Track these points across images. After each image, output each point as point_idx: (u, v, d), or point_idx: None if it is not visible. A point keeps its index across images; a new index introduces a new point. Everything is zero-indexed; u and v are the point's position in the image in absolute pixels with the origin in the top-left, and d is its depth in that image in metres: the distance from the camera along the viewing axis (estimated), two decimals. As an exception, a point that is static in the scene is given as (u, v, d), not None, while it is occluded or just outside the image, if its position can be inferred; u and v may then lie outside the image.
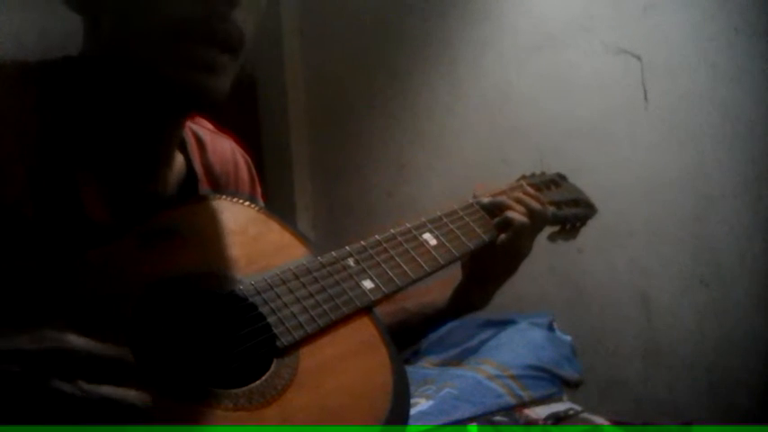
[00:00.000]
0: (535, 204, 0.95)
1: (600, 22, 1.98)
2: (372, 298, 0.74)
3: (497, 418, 1.47)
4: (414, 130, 2.40)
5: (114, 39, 0.66)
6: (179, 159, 0.80)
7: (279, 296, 0.69)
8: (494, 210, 0.94)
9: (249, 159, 0.92)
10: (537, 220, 0.94)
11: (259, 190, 0.92)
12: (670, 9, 1.86)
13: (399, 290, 0.78)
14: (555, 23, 2.06)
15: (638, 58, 1.92)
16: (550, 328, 1.83)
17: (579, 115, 2.03)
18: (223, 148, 0.87)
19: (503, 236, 0.92)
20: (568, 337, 1.82)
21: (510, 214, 0.92)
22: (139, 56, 0.64)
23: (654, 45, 1.89)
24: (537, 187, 1.03)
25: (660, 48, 1.88)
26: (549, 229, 1.04)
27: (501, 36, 2.18)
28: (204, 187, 0.81)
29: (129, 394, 0.49)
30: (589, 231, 1.11)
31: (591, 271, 2.03)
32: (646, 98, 1.92)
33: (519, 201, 0.94)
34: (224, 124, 0.92)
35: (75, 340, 0.49)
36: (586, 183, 1.15)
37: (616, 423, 1.52)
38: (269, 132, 2.70)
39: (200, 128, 0.86)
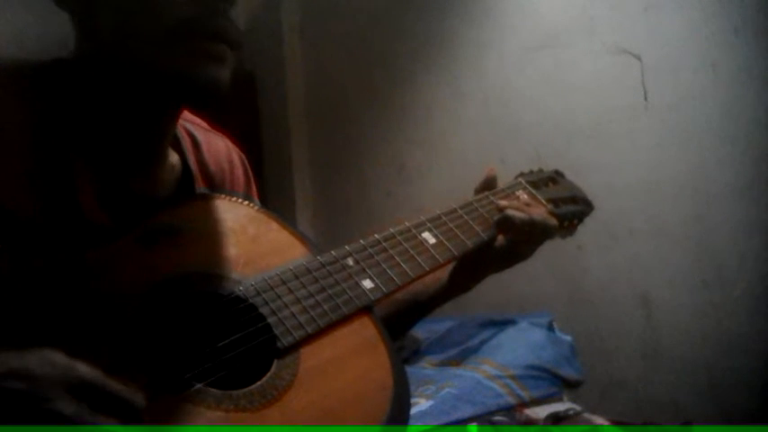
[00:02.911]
0: (551, 221, 0.94)
1: (600, 22, 1.98)
2: (372, 298, 0.74)
3: (497, 417, 1.47)
4: (414, 130, 2.40)
5: (119, 39, 0.67)
6: (174, 158, 0.79)
7: (279, 296, 0.69)
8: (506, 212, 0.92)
9: (244, 157, 0.92)
10: (544, 234, 0.93)
11: (254, 188, 0.92)
12: (670, 9, 1.86)
13: (399, 289, 0.78)
14: (555, 23, 2.06)
15: (638, 58, 1.92)
16: (550, 328, 1.83)
17: (579, 115, 2.03)
18: (218, 147, 0.87)
19: (501, 238, 0.92)
20: (568, 337, 1.82)
21: (509, 213, 0.91)
22: (149, 54, 0.66)
23: (654, 45, 1.89)
24: (535, 184, 1.02)
25: (660, 48, 1.88)
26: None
27: (501, 36, 2.18)
28: (200, 186, 0.81)
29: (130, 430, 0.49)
30: (589, 231, 1.11)
31: (591, 271, 2.03)
32: (646, 98, 1.92)
33: (530, 209, 0.93)
34: (224, 124, 0.91)
35: (86, 369, 0.49)
36: (586, 182, 1.14)
37: (616, 423, 1.52)
38: (269, 132, 2.70)
39: (195, 126, 0.85)
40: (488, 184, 0.98)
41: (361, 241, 0.79)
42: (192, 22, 0.65)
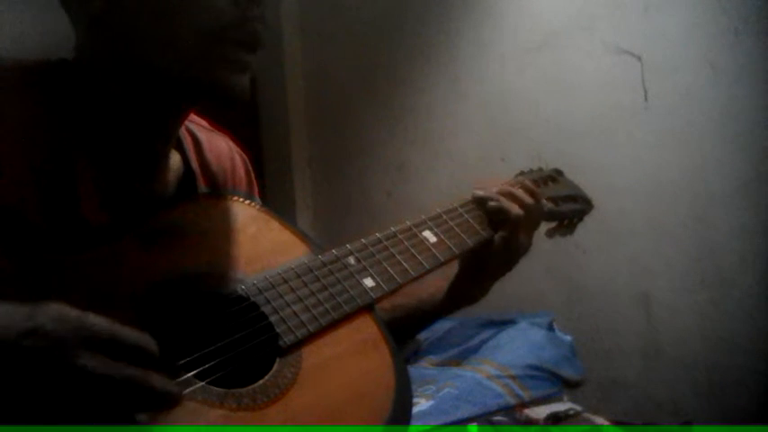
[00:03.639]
0: (528, 199, 0.93)
1: (600, 22, 1.98)
2: (373, 296, 0.74)
3: (497, 418, 1.47)
4: (414, 130, 2.40)
5: (145, 44, 0.67)
6: (176, 158, 0.80)
7: (281, 295, 0.69)
8: (487, 205, 0.92)
9: (246, 157, 0.92)
10: (532, 215, 0.93)
11: (256, 188, 0.92)
12: (670, 9, 1.86)
13: (400, 287, 0.79)
14: (555, 23, 2.06)
15: (638, 58, 1.92)
16: (550, 328, 1.83)
17: (579, 115, 2.03)
18: (219, 146, 0.87)
19: (500, 233, 0.92)
20: (568, 337, 1.82)
21: (504, 205, 0.91)
22: (174, 58, 0.67)
23: (654, 45, 1.89)
24: (535, 183, 1.02)
25: (660, 48, 1.88)
26: (546, 225, 1.03)
27: (501, 36, 2.18)
28: (202, 185, 0.81)
29: (152, 376, 0.49)
30: (589, 231, 1.11)
31: (591, 271, 2.03)
32: (646, 98, 1.92)
33: (512, 195, 0.93)
34: (224, 123, 0.91)
35: (98, 321, 0.49)
36: (586, 182, 1.15)
37: (616, 423, 1.52)
38: (269, 132, 2.70)
39: (196, 126, 0.85)
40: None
41: (363, 240, 0.79)
42: (222, 28, 0.66)
